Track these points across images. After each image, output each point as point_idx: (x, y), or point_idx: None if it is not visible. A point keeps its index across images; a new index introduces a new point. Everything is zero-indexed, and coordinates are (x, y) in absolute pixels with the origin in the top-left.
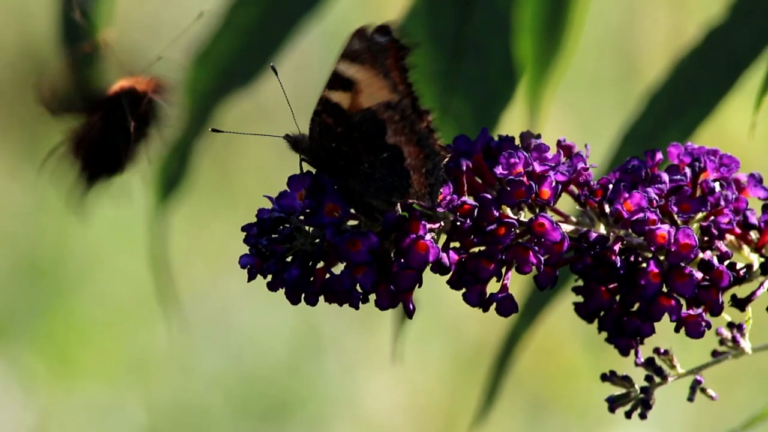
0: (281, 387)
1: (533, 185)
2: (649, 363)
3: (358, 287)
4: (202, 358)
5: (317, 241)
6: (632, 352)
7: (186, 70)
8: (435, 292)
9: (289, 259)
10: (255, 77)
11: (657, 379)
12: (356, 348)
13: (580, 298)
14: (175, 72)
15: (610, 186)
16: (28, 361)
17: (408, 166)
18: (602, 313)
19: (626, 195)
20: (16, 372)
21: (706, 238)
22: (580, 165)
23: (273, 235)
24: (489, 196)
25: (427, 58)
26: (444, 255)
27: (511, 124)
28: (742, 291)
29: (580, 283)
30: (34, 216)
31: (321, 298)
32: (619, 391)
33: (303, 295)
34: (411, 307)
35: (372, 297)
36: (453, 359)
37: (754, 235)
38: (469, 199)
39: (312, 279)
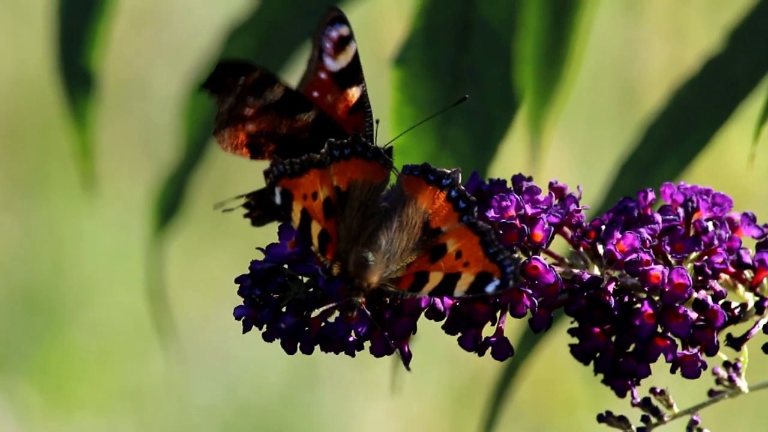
0: (276, 418)
1: (525, 228)
2: (645, 403)
3: (353, 334)
4: (198, 388)
5: (311, 290)
6: (629, 392)
7: (183, 99)
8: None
9: (283, 308)
10: None
11: (653, 420)
12: (352, 378)
13: (575, 340)
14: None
15: (603, 227)
16: (23, 392)
17: None
18: (598, 355)
19: (619, 236)
20: (11, 403)
21: (700, 278)
22: (573, 206)
23: (267, 286)
24: None
25: (425, 87)
26: (438, 300)
27: (511, 154)
28: (737, 330)
29: (575, 324)
30: (29, 246)
31: (317, 348)
32: (615, 431)
33: (298, 344)
34: (407, 353)
35: (367, 344)
36: (450, 388)
37: (748, 274)
38: None
39: (307, 328)
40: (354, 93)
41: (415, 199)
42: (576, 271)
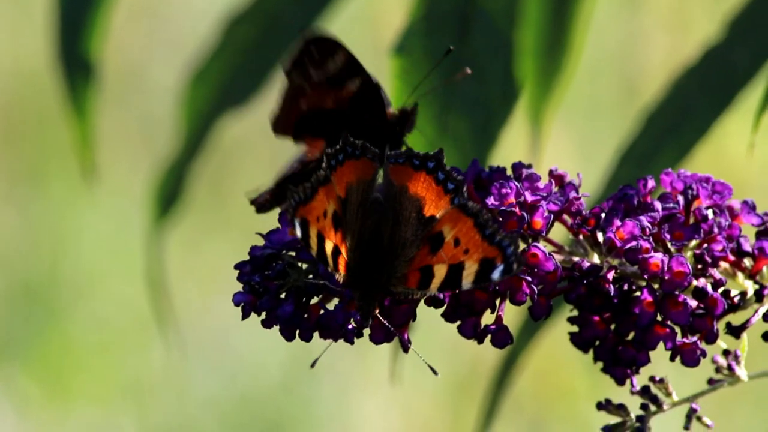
0: (275, 409)
1: (525, 215)
2: (644, 391)
3: (352, 322)
4: (197, 380)
5: (310, 276)
6: (628, 381)
7: (183, 89)
8: (430, 310)
9: (282, 295)
10: (253, 96)
11: (653, 408)
12: (351, 370)
13: (575, 328)
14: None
15: (603, 215)
16: (22, 384)
17: None
18: (597, 343)
19: (619, 223)
20: (10, 395)
21: (699, 266)
22: (572, 194)
23: (266, 272)
24: None
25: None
26: None
27: (512, 144)
28: (736, 318)
29: (575, 312)
30: (28, 238)
31: (316, 334)
32: (614, 420)
33: (297, 332)
34: (406, 340)
35: (366, 332)
36: (449, 379)
37: (748, 262)
38: None
39: (306, 315)
40: (354, 84)
41: (405, 188)
42: (575, 258)
